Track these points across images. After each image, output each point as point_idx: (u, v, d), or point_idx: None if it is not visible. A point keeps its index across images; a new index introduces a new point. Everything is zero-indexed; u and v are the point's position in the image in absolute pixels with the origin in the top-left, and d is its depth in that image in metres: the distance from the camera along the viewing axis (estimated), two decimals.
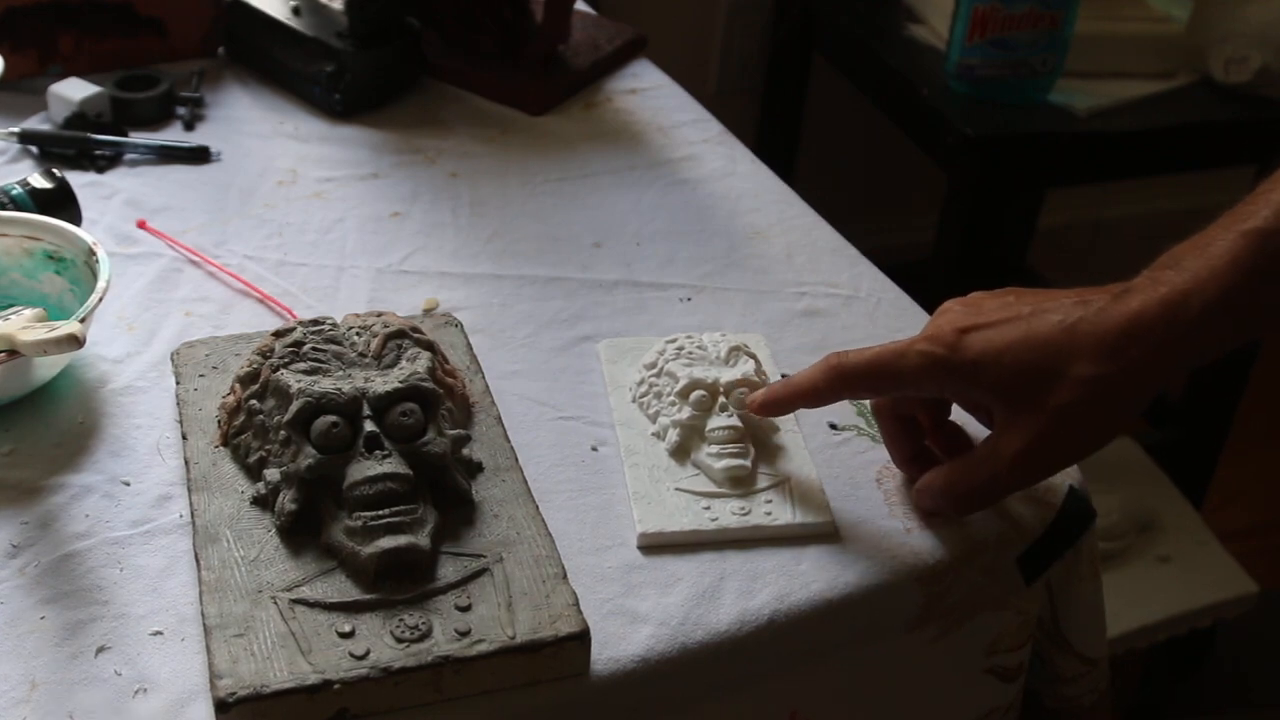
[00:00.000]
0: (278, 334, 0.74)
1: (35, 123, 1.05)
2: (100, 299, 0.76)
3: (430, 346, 0.74)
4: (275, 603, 0.64)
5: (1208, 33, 1.45)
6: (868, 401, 0.79)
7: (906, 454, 0.76)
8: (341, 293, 0.89)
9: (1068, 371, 0.66)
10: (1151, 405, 1.91)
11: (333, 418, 0.68)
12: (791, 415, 0.79)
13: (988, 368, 0.68)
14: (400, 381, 0.70)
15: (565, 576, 0.66)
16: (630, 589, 0.69)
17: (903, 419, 0.75)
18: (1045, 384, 0.67)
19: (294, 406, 0.68)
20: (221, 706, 0.59)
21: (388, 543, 0.64)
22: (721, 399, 0.77)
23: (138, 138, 1.03)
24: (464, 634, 0.62)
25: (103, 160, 1.01)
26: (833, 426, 0.80)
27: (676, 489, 0.74)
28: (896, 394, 0.74)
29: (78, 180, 0.95)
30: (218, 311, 0.87)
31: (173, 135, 1.05)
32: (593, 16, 1.26)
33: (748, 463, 0.75)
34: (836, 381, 0.72)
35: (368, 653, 0.61)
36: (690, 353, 0.80)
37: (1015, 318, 0.69)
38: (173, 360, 0.79)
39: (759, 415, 0.76)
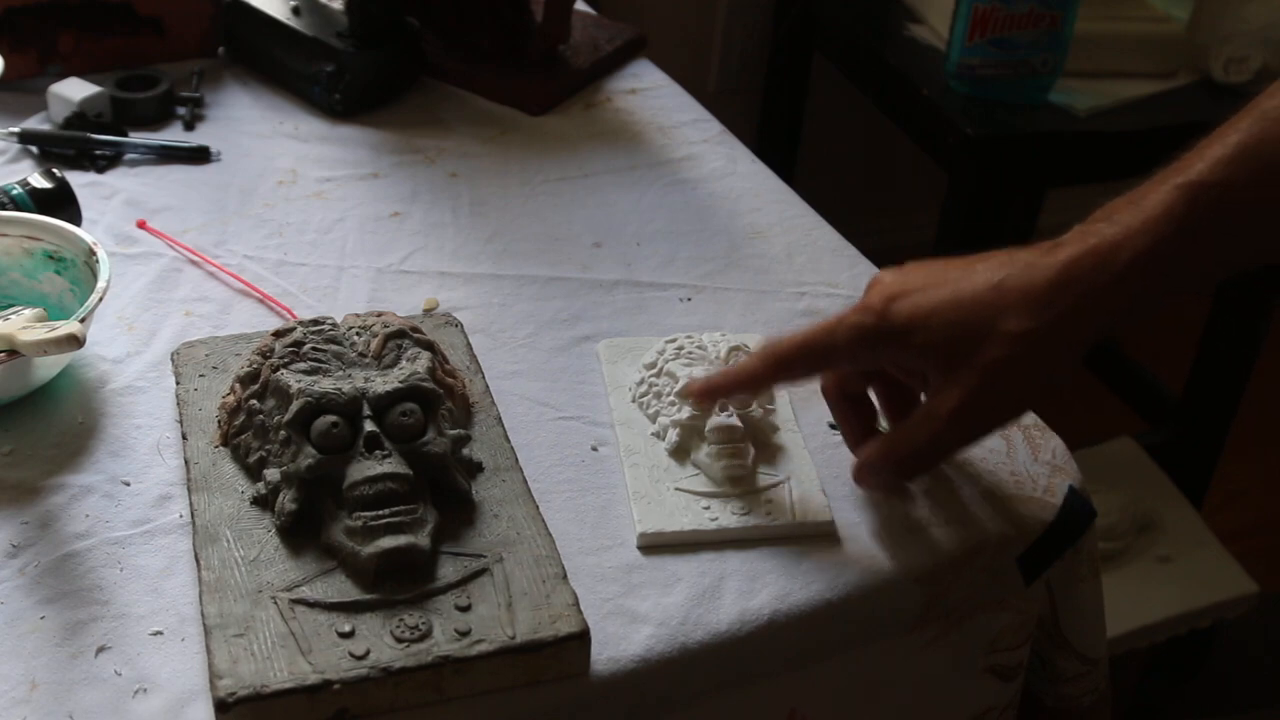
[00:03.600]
0: (278, 334, 0.74)
1: (35, 123, 1.05)
2: (100, 299, 0.76)
3: (430, 346, 0.74)
4: (275, 603, 0.64)
5: (1208, 33, 1.45)
6: None
7: (859, 435, 0.76)
8: (341, 293, 0.89)
9: (997, 327, 0.67)
10: (1151, 405, 1.91)
11: (333, 418, 0.68)
12: (792, 415, 0.79)
13: (917, 331, 0.68)
14: (400, 381, 0.70)
15: (565, 576, 0.66)
16: (630, 589, 0.69)
17: (852, 398, 0.76)
18: (975, 341, 0.67)
19: (294, 406, 0.68)
20: (221, 706, 0.59)
21: (388, 543, 0.64)
22: (721, 399, 0.77)
23: (138, 138, 1.03)
24: (464, 634, 0.62)
25: (103, 160, 1.01)
26: (833, 426, 0.80)
27: (676, 489, 0.74)
28: (833, 369, 0.74)
29: (78, 180, 0.95)
30: (218, 311, 0.87)
31: (173, 135, 1.05)
32: (593, 16, 1.26)
33: (747, 463, 0.75)
34: (773, 365, 0.72)
35: (368, 653, 0.61)
36: (690, 353, 0.80)
37: (943, 281, 0.69)
38: (173, 360, 0.79)
39: (696, 404, 0.76)
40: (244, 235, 0.94)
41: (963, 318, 0.68)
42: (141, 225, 0.94)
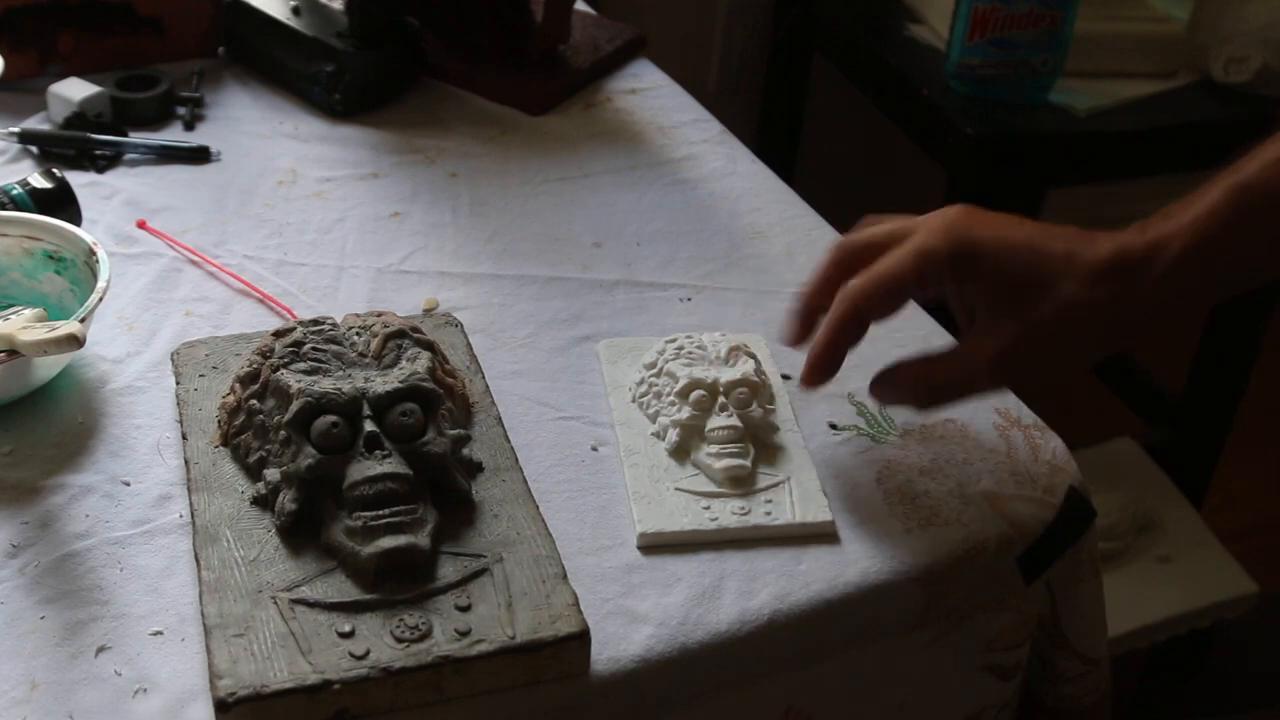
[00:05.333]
0: (278, 334, 0.74)
1: (35, 123, 1.05)
2: (100, 299, 0.76)
3: (430, 346, 0.74)
4: (275, 603, 0.64)
5: (1208, 33, 1.45)
6: (868, 401, 0.79)
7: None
8: (341, 293, 0.89)
9: (1057, 288, 0.69)
10: (1152, 405, 1.91)
11: (333, 418, 0.68)
12: (791, 415, 0.79)
13: (996, 258, 0.70)
14: (400, 381, 0.70)
15: (565, 576, 0.66)
16: (630, 589, 0.69)
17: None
18: (1036, 293, 0.69)
19: (294, 406, 0.68)
20: (221, 706, 0.59)
21: (388, 543, 0.64)
22: (721, 399, 0.77)
23: (137, 138, 1.03)
24: (464, 634, 0.62)
25: (103, 160, 1.01)
26: (833, 426, 0.80)
27: (676, 489, 0.74)
28: (910, 299, 0.75)
29: (78, 180, 0.95)
30: (218, 311, 0.87)
31: (173, 135, 1.05)
32: (593, 16, 1.26)
33: (747, 463, 0.75)
34: (854, 307, 0.72)
35: (368, 653, 0.61)
36: (690, 353, 0.80)
37: (1019, 228, 0.71)
38: (173, 360, 0.79)
39: (810, 388, 0.76)
40: (244, 235, 0.94)
41: (1037, 264, 0.69)
42: (141, 225, 0.94)
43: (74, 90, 1.04)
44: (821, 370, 0.74)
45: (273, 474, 0.69)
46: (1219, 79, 1.46)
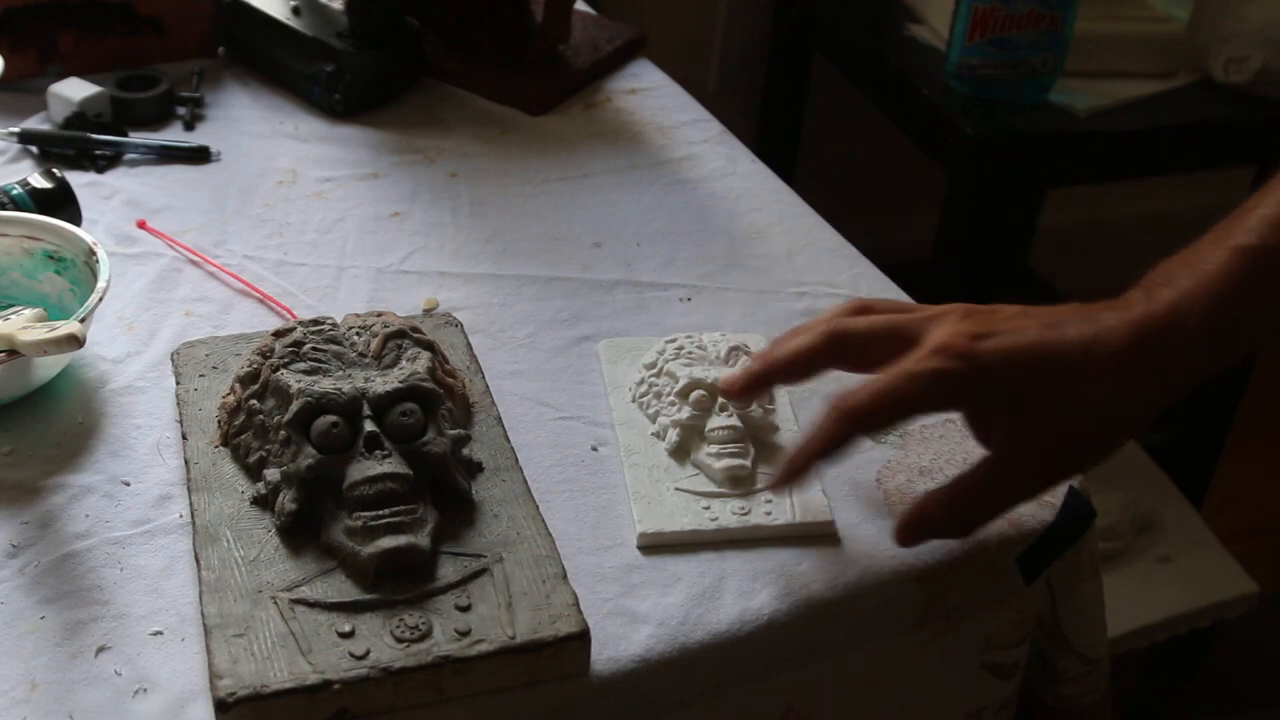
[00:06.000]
0: (278, 334, 0.74)
1: (35, 123, 1.05)
2: (100, 299, 0.76)
3: (430, 346, 0.74)
4: (275, 603, 0.64)
5: (1208, 33, 1.45)
6: None
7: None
8: (341, 293, 0.89)
9: (1083, 393, 0.64)
10: None
11: (333, 418, 0.68)
12: (792, 415, 0.79)
13: (1005, 377, 0.65)
14: (400, 381, 0.70)
15: (565, 576, 0.66)
16: (630, 589, 0.69)
17: None
18: (1062, 403, 0.65)
19: (294, 406, 0.68)
20: (221, 706, 0.59)
21: (388, 543, 0.64)
22: (721, 399, 0.77)
23: (138, 138, 1.03)
24: (464, 634, 0.62)
25: (103, 160, 1.01)
26: None
27: (676, 489, 0.74)
28: (909, 418, 0.71)
29: (78, 180, 0.95)
30: (218, 311, 0.87)
31: (173, 135, 1.05)
32: (593, 16, 1.26)
33: (748, 463, 0.75)
34: (850, 424, 0.66)
35: (368, 653, 0.61)
36: (690, 353, 0.80)
37: (1028, 327, 0.66)
38: (173, 360, 0.79)
39: (775, 491, 0.73)
40: (244, 235, 0.94)
41: (1055, 370, 0.65)
42: (141, 225, 0.94)
43: (74, 90, 1.04)
44: (793, 479, 0.69)
45: (273, 474, 0.69)
46: (1219, 79, 1.46)
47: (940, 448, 0.79)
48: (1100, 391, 0.64)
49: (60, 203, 0.90)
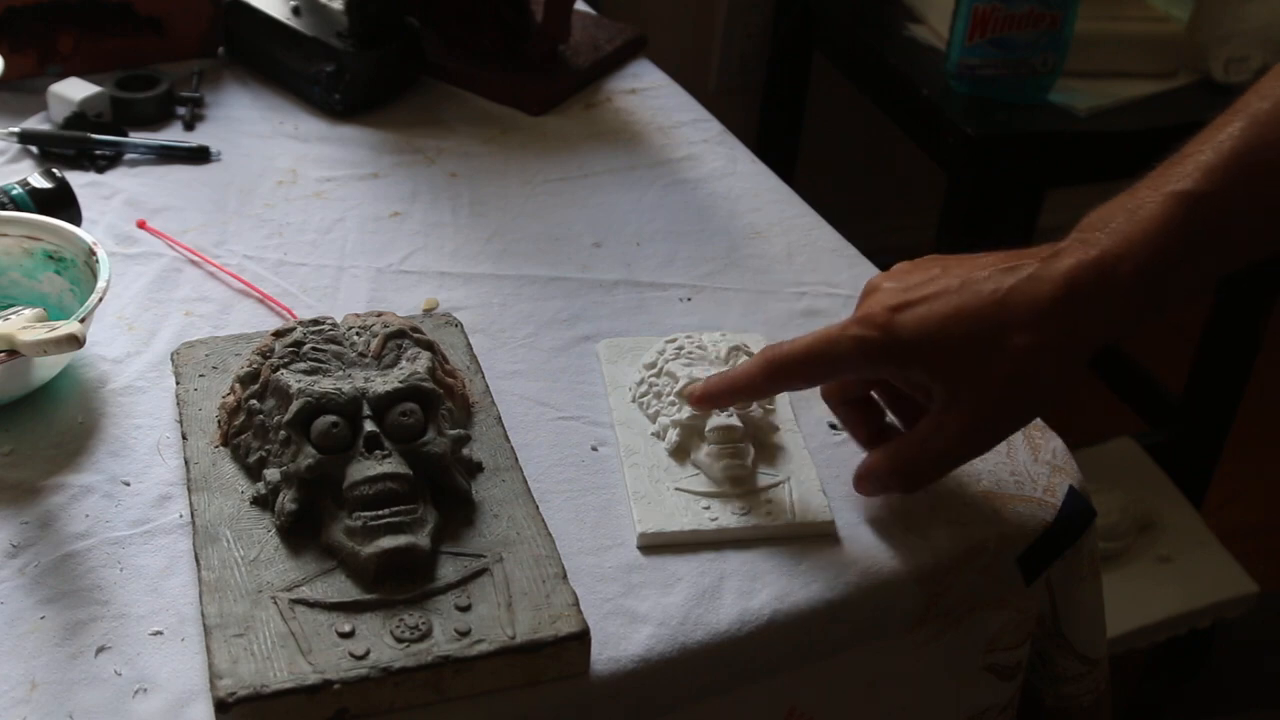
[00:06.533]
0: (278, 334, 0.74)
1: (35, 123, 1.05)
2: (100, 299, 0.76)
3: (430, 346, 0.74)
4: (275, 603, 0.64)
5: (1208, 33, 1.45)
6: None
7: (865, 436, 0.76)
8: (341, 293, 0.89)
9: (1003, 342, 0.66)
10: (1152, 405, 1.91)
11: (333, 418, 0.68)
12: (792, 415, 0.79)
13: (923, 346, 0.68)
14: (400, 381, 0.70)
15: (565, 576, 0.66)
16: (630, 589, 0.69)
17: (855, 402, 0.76)
18: (982, 357, 0.67)
19: (294, 406, 0.68)
20: (221, 706, 0.59)
21: (388, 543, 0.64)
22: None
23: (138, 138, 1.03)
24: (464, 634, 0.62)
25: (103, 160, 1.01)
26: (833, 427, 0.80)
27: (676, 489, 0.74)
28: (834, 380, 0.74)
29: (78, 180, 0.95)
30: (218, 311, 0.87)
31: (173, 135, 1.05)
32: (593, 16, 1.26)
33: (747, 463, 0.75)
34: (773, 373, 0.72)
35: (368, 653, 0.61)
36: (690, 353, 0.80)
37: (945, 291, 0.68)
38: (173, 360, 0.79)
39: (696, 408, 0.75)
40: (244, 235, 0.94)
41: (969, 331, 0.67)
42: (141, 225, 0.94)
43: (74, 90, 1.04)
44: (707, 400, 0.74)
45: (273, 474, 0.69)
46: (1219, 79, 1.46)
47: None
48: (1022, 341, 0.66)
49: (60, 203, 0.90)
